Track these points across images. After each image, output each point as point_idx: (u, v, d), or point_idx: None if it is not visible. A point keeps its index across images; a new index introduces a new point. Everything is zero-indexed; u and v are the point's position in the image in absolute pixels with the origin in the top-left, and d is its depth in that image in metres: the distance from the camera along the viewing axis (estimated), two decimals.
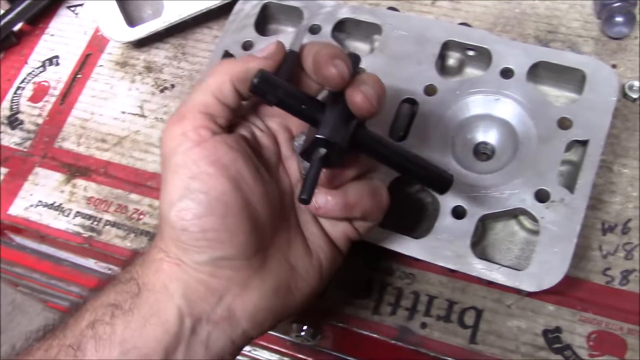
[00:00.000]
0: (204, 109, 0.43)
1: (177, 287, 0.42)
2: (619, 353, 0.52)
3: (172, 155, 0.42)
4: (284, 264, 0.45)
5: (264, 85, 0.42)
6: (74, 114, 0.70)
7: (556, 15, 0.65)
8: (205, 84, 0.44)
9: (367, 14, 0.63)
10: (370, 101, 0.42)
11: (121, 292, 0.42)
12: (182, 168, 0.42)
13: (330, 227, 0.48)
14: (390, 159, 0.45)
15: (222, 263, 0.42)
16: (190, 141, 0.42)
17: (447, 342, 0.54)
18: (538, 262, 0.51)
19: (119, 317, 0.41)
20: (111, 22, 0.70)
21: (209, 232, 0.41)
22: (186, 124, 0.43)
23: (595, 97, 0.55)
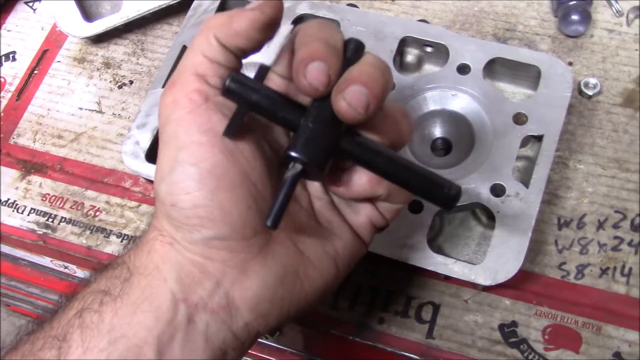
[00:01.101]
0: (193, 70, 0.39)
1: (171, 269, 0.38)
2: (574, 346, 0.52)
3: (165, 125, 0.39)
4: (291, 249, 0.40)
5: (237, 88, 0.38)
6: (30, 110, 0.69)
7: (514, 13, 0.66)
8: (191, 45, 0.40)
9: (325, 9, 0.63)
10: (356, 108, 0.36)
11: (111, 278, 0.39)
12: (173, 138, 0.38)
13: (351, 215, 0.43)
14: (386, 170, 0.39)
15: (216, 243, 0.38)
16: (181, 108, 0.38)
17: (404, 337, 0.54)
18: (493, 256, 0.51)
19: (107, 304, 0.37)
20: (68, 17, 0.69)
21: (200, 209, 0.37)
22: (177, 90, 0.38)
23: (550, 93, 0.56)
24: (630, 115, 0.60)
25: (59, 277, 0.67)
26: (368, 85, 0.36)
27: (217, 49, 0.39)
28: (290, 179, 0.37)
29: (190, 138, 0.37)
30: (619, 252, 0.55)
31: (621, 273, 0.54)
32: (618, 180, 0.57)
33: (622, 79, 0.61)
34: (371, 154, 0.38)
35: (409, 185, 0.39)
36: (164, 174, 0.38)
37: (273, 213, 0.36)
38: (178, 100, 0.38)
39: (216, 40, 0.39)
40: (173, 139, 0.38)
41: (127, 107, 0.68)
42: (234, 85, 0.38)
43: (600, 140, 0.59)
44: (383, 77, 0.37)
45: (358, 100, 0.36)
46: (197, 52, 0.39)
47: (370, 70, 0.37)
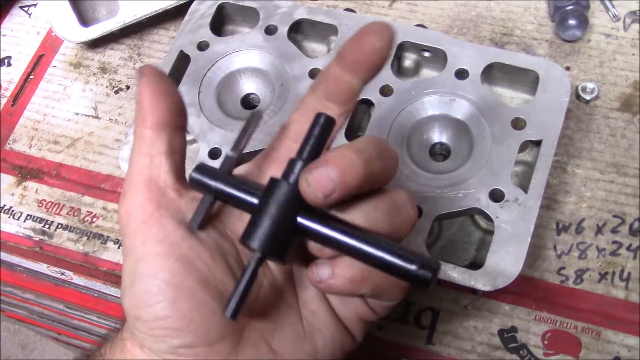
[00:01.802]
0: (140, 176, 0.38)
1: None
2: (574, 352, 0.52)
3: (123, 239, 0.38)
4: (263, 350, 0.38)
5: (201, 178, 0.38)
6: (26, 115, 0.69)
7: (511, 18, 0.66)
8: (132, 148, 0.39)
9: (323, 14, 0.62)
10: (314, 191, 0.34)
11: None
12: (130, 251, 0.38)
13: (340, 306, 0.40)
14: (344, 248, 0.36)
15: (183, 351, 0.37)
16: (134, 220, 0.38)
17: (403, 343, 0.54)
18: (492, 262, 0.51)
19: None
20: (64, 22, 0.68)
21: (162, 321, 0.36)
22: (127, 202, 0.38)
23: (548, 98, 0.56)
24: (627, 120, 0.60)
25: (55, 282, 0.67)
26: (340, 171, 0.34)
27: (153, 136, 0.38)
28: (250, 267, 0.35)
29: (146, 249, 0.37)
30: (617, 257, 0.55)
31: (620, 278, 0.54)
32: (616, 184, 0.57)
33: (620, 84, 0.61)
34: (329, 230, 0.36)
35: (372, 262, 0.36)
36: (125, 287, 0.38)
37: (232, 303, 0.35)
38: (130, 212, 0.38)
39: (147, 130, 0.38)
40: (131, 251, 0.37)
41: (123, 112, 0.67)
42: (198, 176, 0.38)
43: (598, 145, 0.59)
44: (363, 166, 0.34)
45: (320, 183, 0.34)
46: (140, 153, 0.39)
47: (351, 156, 0.34)
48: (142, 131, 0.38)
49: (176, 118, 0.39)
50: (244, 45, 0.62)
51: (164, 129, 0.38)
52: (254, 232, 0.36)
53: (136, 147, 0.39)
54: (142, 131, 0.38)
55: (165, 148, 0.39)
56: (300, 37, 0.66)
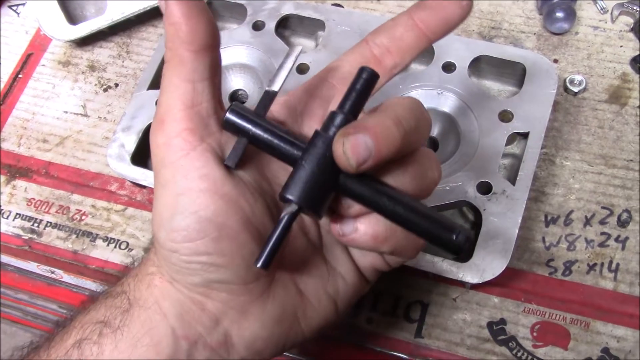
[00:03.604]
0: (180, 103, 0.36)
1: (171, 305, 0.37)
2: (563, 343, 0.52)
3: (160, 169, 0.37)
4: (292, 291, 0.39)
5: (236, 121, 0.37)
6: (15, 114, 0.69)
7: (499, 11, 0.66)
8: (167, 73, 0.37)
9: (310, 10, 0.62)
10: (349, 159, 0.34)
11: (111, 307, 0.38)
12: (170, 183, 0.36)
13: (358, 254, 0.42)
14: (388, 211, 0.36)
15: (218, 286, 0.37)
16: (175, 151, 0.36)
17: (393, 336, 0.54)
18: (480, 254, 0.51)
19: (107, 336, 0.37)
20: (52, 20, 0.68)
21: (201, 256, 0.36)
22: (168, 130, 0.36)
23: (535, 90, 0.56)
24: (615, 112, 0.60)
25: (47, 282, 0.67)
26: (377, 141, 0.34)
27: (196, 61, 0.36)
28: (285, 219, 0.35)
29: (189, 184, 0.36)
30: (606, 248, 0.55)
31: (608, 269, 0.54)
32: (604, 176, 0.57)
33: (608, 76, 0.61)
34: (372, 192, 0.36)
35: (413, 229, 0.37)
36: (162, 220, 0.36)
37: (264, 254, 0.35)
38: (170, 143, 0.36)
39: (190, 53, 0.36)
40: (171, 183, 0.36)
41: (112, 110, 0.67)
42: (233, 117, 0.37)
43: (586, 137, 0.59)
44: (400, 138, 0.34)
45: (356, 151, 0.34)
46: (181, 78, 0.36)
47: (390, 127, 0.34)
48: (181, 54, 0.36)
49: (215, 38, 0.37)
50: (232, 41, 0.62)
51: (206, 51, 0.36)
52: (293, 186, 0.35)
53: (174, 70, 0.36)
54: (182, 54, 0.36)
55: (208, 73, 0.37)
56: (288, 33, 0.66)
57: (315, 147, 0.36)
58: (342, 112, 0.36)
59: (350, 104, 0.36)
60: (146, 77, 0.62)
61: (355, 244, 0.38)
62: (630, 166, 0.57)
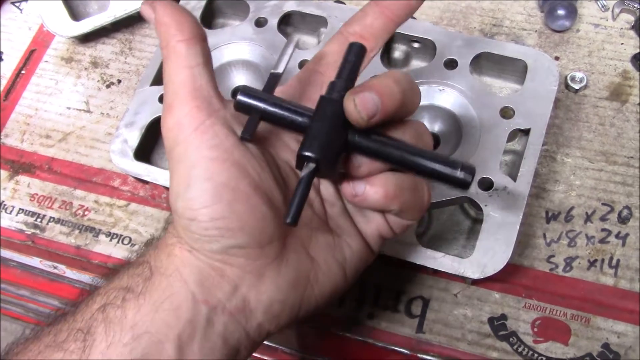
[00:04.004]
0: (186, 86, 0.40)
1: (191, 272, 0.39)
2: (563, 338, 0.52)
3: (174, 147, 0.39)
4: (303, 255, 0.42)
5: (248, 101, 0.40)
6: (18, 110, 0.69)
7: (500, 9, 0.66)
8: (168, 63, 0.40)
9: (312, 6, 0.63)
10: (360, 112, 0.38)
11: (133, 275, 0.40)
12: (183, 158, 0.39)
13: (362, 222, 0.44)
14: (396, 158, 0.40)
15: (235, 251, 0.39)
16: (186, 128, 0.39)
17: (394, 332, 0.54)
18: (481, 250, 0.51)
19: (130, 301, 0.39)
20: (55, 17, 0.69)
21: (218, 221, 0.38)
22: (177, 112, 0.39)
23: (537, 87, 0.56)
24: (616, 109, 0.60)
25: (49, 278, 0.67)
26: (382, 97, 0.38)
27: (189, 49, 0.40)
28: (305, 177, 0.38)
29: (201, 154, 0.38)
30: (606, 245, 0.55)
31: (609, 265, 0.54)
32: (605, 173, 0.57)
33: (609, 73, 0.62)
34: (380, 144, 0.40)
35: (421, 171, 0.41)
36: (179, 191, 0.39)
37: (292, 210, 0.37)
38: (181, 122, 0.39)
39: (182, 43, 0.40)
40: (184, 158, 0.39)
41: (115, 107, 0.67)
42: (244, 98, 0.40)
43: (587, 134, 0.59)
44: (400, 95, 0.39)
45: (365, 106, 0.38)
46: (179, 66, 0.40)
47: (391, 85, 0.39)
48: (175, 45, 0.40)
49: (200, 29, 0.41)
50: (234, 37, 0.63)
51: (197, 40, 0.40)
52: (310, 144, 0.38)
53: (172, 62, 0.40)
54: (175, 45, 0.40)
55: (201, 59, 0.40)
56: (291, 30, 0.66)
57: (323, 109, 0.39)
58: (340, 80, 0.40)
59: (347, 72, 0.41)
60: (149, 73, 0.62)
61: (367, 203, 0.41)
62: (631, 163, 0.57)
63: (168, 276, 0.39)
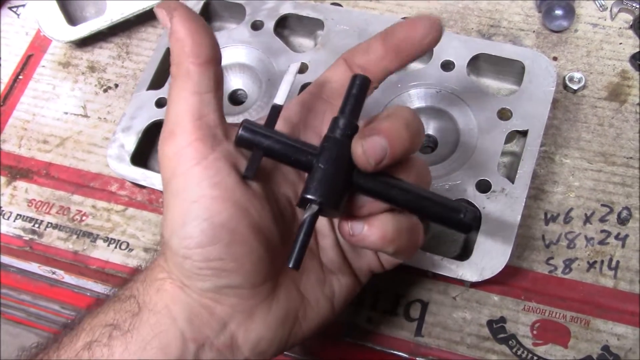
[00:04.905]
0: (190, 114, 0.38)
1: (181, 310, 0.39)
2: (563, 341, 0.52)
3: (172, 178, 0.38)
4: (294, 293, 0.42)
5: (250, 137, 0.39)
6: (15, 116, 0.69)
7: (498, 9, 0.66)
8: (174, 85, 0.39)
9: (309, 9, 0.62)
10: (368, 158, 0.37)
11: (120, 311, 0.39)
12: (182, 191, 0.37)
13: (354, 258, 0.45)
14: (400, 200, 0.40)
15: (228, 291, 0.39)
16: (187, 161, 0.37)
17: (393, 335, 0.54)
18: (480, 252, 0.51)
19: (117, 339, 0.38)
20: (52, 21, 0.68)
21: (214, 262, 0.37)
22: (178, 141, 0.38)
23: (534, 88, 0.56)
24: (615, 109, 0.60)
25: (49, 283, 0.67)
26: (391, 142, 0.37)
27: (201, 74, 0.38)
28: (308, 219, 0.38)
29: (202, 192, 0.37)
30: (606, 246, 0.55)
31: (608, 266, 0.54)
32: (604, 173, 0.57)
33: (607, 73, 0.61)
34: (386, 186, 0.39)
35: (425, 214, 0.41)
36: (175, 228, 0.38)
37: (294, 254, 0.37)
38: (181, 153, 0.38)
39: (196, 67, 0.38)
40: (182, 192, 0.38)
41: (112, 111, 0.67)
42: (246, 134, 0.39)
43: (585, 135, 0.59)
44: (409, 140, 0.38)
45: (374, 152, 0.37)
46: (188, 91, 0.38)
47: (400, 130, 0.38)
48: (187, 68, 0.38)
49: (218, 52, 0.39)
50: (231, 41, 0.63)
51: (211, 64, 0.39)
52: (314, 187, 0.38)
53: (180, 85, 0.38)
54: (188, 68, 0.38)
55: (213, 85, 0.39)
56: (287, 33, 0.66)
57: (328, 150, 0.39)
58: (343, 116, 0.39)
59: (350, 108, 0.40)
60: (145, 77, 0.62)
61: (364, 243, 0.40)
62: (630, 163, 0.57)
63: (157, 312, 0.39)
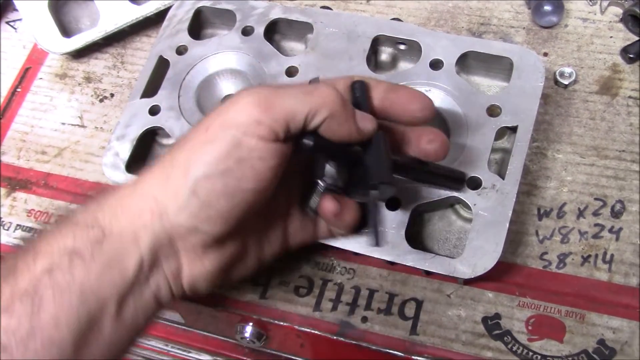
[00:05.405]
0: (289, 116, 0.42)
1: (148, 239, 0.42)
2: (558, 336, 0.52)
3: (229, 128, 0.42)
4: (240, 251, 0.48)
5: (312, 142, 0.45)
6: (14, 128, 0.70)
7: (488, 7, 0.66)
8: (306, 96, 0.43)
9: (298, 13, 0.63)
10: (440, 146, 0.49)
11: (80, 238, 0.42)
12: (231, 147, 0.42)
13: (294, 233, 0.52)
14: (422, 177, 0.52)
15: (198, 233, 0.43)
16: (258, 132, 0.42)
17: (388, 334, 0.54)
18: (471, 249, 0.51)
19: (78, 265, 0.41)
20: (48, 34, 0.69)
21: (212, 210, 0.42)
22: (267, 116, 0.42)
23: (523, 84, 0.56)
24: (606, 103, 0.60)
25: None
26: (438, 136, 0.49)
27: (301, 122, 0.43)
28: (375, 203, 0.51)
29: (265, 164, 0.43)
30: (600, 240, 0.54)
31: (603, 260, 0.54)
32: (597, 167, 0.57)
33: (598, 67, 0.61)
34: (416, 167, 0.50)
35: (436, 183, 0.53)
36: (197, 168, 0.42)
37: (374, 236, 0.51)
38: (261, 124, 0.42)
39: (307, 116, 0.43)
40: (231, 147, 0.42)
41: (109, 120, 0.68)
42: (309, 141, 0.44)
43: (577, 129, 0.59)
44: None
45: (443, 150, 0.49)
46: (307, 105, 0.43)
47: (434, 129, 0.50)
48: (321, 108, 0.44)
49: None
50: (222, 47, 0.63)
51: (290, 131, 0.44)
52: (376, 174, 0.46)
53: (308, 100, 0.44)
54: (321, 109, 0.44)
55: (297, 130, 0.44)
56: (279, 37, 0.66)
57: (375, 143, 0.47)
58: None
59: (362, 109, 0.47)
60: (139, 86, 0.63)
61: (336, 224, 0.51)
62: (623, 156, 0.57)
63: (122, 240, 0.42)
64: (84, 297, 0.40)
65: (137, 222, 0.43)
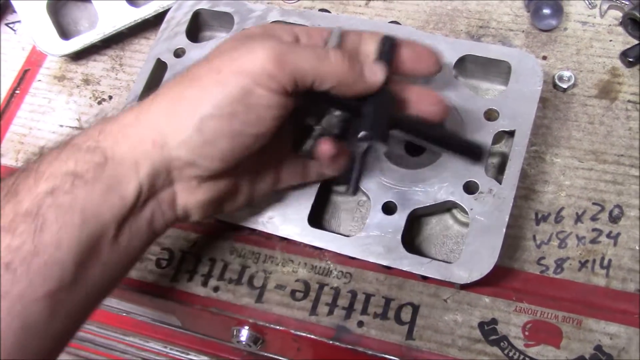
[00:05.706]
0: (299, 76, 0.44)
1: (148, 166, 0.44)
2: (555, 342, 0.51)
3: (242, 75, 0.43)
4: (231, 187, 0.50)
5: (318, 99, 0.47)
6: (12, 130, 0.70)
7: (487, 10, 0.66)
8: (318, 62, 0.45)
9: (296, 16, 0.63)
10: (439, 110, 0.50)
11: (82, 161, 0.42)
12: (241, 93, 0.43)
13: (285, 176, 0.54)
14: (427, 136, 0.50)
15: (197, 166, 0.45)
16: (269, 84, 0.43)
17: (384, 339, 0.54)
18: (468, 254, 0.51)
19: (80, 187, 0.41)
20: (46, 36, 0.69)
21: (214, 148, 0.44)
22: (279, 72, 0.43)
23: (521, 88, 0.56)
24: (605, 107, 0.59)
25: None
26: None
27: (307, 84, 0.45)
28: (361, 154, 0.50)
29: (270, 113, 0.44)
30: (597, 245, 0.54)
31: (600, 265, 0.53)
32: (595, 172, 0.57)
33: (597, 71, 0.61)
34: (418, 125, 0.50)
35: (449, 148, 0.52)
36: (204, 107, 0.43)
37: (353, 183, 0.51)
38: (275, 77, 0.43)
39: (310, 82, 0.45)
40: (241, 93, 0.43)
41: None
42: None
43: (576, 133, 0.59)
44: None
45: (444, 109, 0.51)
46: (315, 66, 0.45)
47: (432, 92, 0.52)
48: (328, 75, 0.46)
49: None
50: None
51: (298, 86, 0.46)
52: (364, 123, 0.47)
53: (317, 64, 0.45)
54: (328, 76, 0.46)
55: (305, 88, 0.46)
56: None
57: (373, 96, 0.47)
58: None
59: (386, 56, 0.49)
60: (137, 88, 0.63)
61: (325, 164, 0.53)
62: (621, 161, 0.57)
63: (124, 165, 0.43)
64: (85, 219, 0.41)
65: (138, 150, 0.43)
